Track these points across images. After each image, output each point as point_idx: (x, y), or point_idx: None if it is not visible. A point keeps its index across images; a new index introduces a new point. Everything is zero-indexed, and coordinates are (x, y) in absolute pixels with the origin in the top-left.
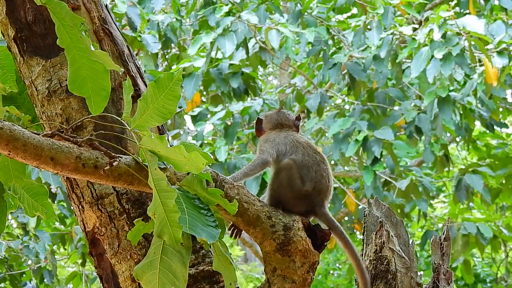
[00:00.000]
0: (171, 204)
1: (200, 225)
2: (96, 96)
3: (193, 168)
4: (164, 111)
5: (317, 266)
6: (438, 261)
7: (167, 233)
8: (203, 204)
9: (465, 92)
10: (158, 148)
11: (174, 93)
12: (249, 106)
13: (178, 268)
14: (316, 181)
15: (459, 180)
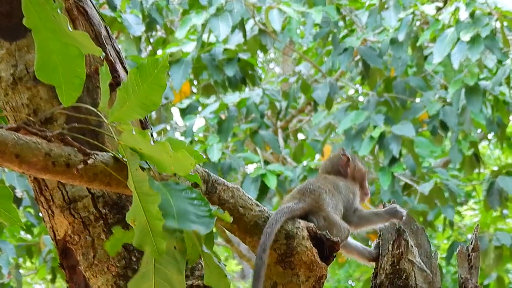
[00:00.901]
0: (154, 210)
1: (191, 218)
2: (68, 84)
3: (180, 168)
4: (148, 102)
5: (324, 280)
6: (465, 275)
7: (149, 244)
8: (195, 194)
9: (496, 81)
10: (140, 144)
11: (160, 82)
12: (247, 98)
13: (174, 276)
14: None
15: (491, 183)
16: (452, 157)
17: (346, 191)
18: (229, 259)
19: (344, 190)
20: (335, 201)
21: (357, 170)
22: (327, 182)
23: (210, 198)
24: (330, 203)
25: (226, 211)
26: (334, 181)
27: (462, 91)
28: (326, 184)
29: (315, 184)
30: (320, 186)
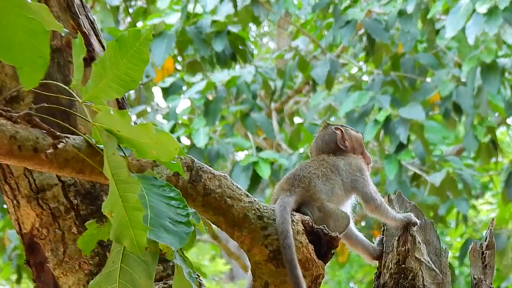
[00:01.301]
0: (133, 199)
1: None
2: (30, 65)
3: (163, 153)
4: (127, 79)
5: (321, 280)
6: (478, 275)
7: (128, 237)
8: (174, 193)
9: None
10: (118, 126)
11: (141, 56)
12: (237, 76)
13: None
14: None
15: (510, 173)
16: (466, 144)
17: (349, 171)
18: (216, 258)
19: (346, 171)
20: (329, 186)
21: (354, 139)
22: (322, 164)
23: (195, 188)
24: (323, 189)
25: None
26: (334, 163)
27: (478, 69)
28: (319, 168)
29: (305, 170)
30: (311, 171)
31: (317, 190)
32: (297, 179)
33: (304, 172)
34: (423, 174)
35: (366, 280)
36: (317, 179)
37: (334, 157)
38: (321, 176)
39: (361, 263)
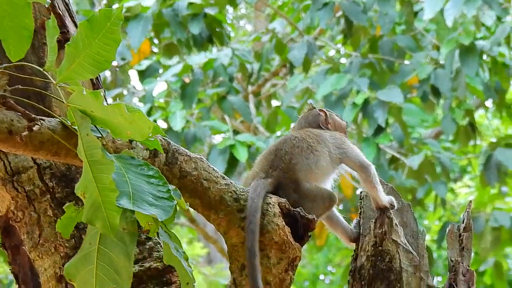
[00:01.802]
0: (107, 180)
1: (148, 199)
2: (16, 37)
3: (137, 132)
4: (100, 59)
5: (298, 263)
6: (455, 257)
7: (101, 219)
8: (153, 171)
9: (495, 40)
10: (92, 107)
11: (113, 36)
12: (214, 59)
13: (120, 262)
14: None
15: (488, 156)
16: (444, 127)
17: (335, 142)
18: (194, 242)
19: (332, 143)
20: (314, 158)
21: (338, 125)
22: (308, 136)
23: (171, 170)
24: (305, 165)
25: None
26: (319, 133)
27: (456, 52)
28: (305, 139)
29: (289, 143)
30: (294, 144)
31: (297, 169)
32: (278, 156)
33: (287, 146)
34: (401, 157)
35: (344, 263)
36: (300, 155)
37: (318, 129)
38: (306, 148)
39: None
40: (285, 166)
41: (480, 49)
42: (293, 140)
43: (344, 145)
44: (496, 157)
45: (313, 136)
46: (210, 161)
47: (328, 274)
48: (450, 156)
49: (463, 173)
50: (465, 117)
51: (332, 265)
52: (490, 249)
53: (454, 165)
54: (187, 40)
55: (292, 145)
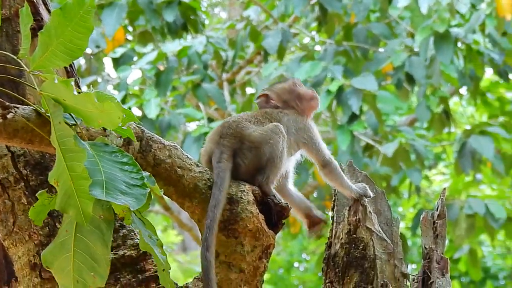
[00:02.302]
0: (79, 168)
1: (121, 187)
2: None
3: (108, 121)
4: (73, 47)
5: (272, 250)
6: (430, 245)
7: (74, 207)
8: (127, 158)
9: (469, 28)
10: (63, 95)
11: (86, 24)
12: (189, 46)
13: (97, 249)
14: None
15: (463, 144)
16: (419, 115)
17: (295, 129)
18: (168, 229)
19: (290, 128)
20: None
21: (286, 92)
22: (262, 116)
23: (144, 158)
24: (253, 128)
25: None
26: (276, 116)
27: (431, 39)
28: (254, 116)
29: (237, 116)
30: (243, 117)
31: (244, 129)
32: (225, 126)
33: (235, 118)
34: (376, 145)
35: (318, 251)
36: (247, 122)
37: (277, 111)
38: (254, 121)
39: None
40: (233, 131)
41: (455, 37)
42: (242, 115)
43: (305, 137)
44: (470, 145)
45: (268, 116)
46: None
47: (302, 261)
48: (424, 144)
49: (438, 160)
50: (439, 105)
51: (307, 252)
52: (465, 237)
53: (429, 153)
54: (161, 27)
55: (240, 117)
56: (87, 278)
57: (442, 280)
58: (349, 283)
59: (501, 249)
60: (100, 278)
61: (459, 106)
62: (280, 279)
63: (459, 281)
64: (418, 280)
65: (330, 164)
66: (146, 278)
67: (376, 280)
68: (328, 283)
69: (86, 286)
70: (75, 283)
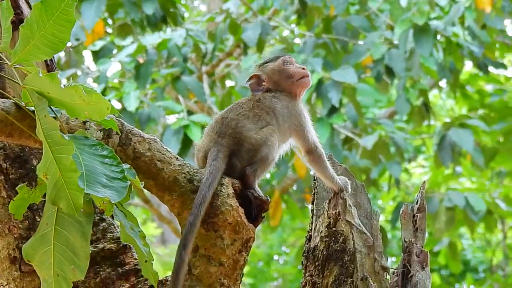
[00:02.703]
0: (67, 161)
1: (102, 180)
2: None
3: (95, 113)
4: (55, 40)
5: (252, 244)
6: (409, 238)
7: (64, 199)
8: (107, 151)
9: (449, 20)
10: (48, 88)
11: (67, 17)
12: (168, 39)
13: (77, 242)
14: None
15: (442, 136)
16: (398, 107)
17: (286, 116)
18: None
19: (283, 115)
20: (261, 123)
21: (276, 73)
22: (258, 106)
23: (124, 151)
24: (252, 128)
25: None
26: (270, 104)
27: (410, 32)
28: (252, 110)
29: (234, 111)
30: (241, 112)
31: (244, 130)
32: (224, 124)
33: (233, 114)
34: (355, 137)
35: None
36: (246, 119)
37: (270, 97)
38: (253, 116)
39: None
40: (232, 131)
41: (434, 29)
42: (239, 108)
43: (295, 123)
44: (450, 137)
45: (263, 107)
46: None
47: (282, 254)
48: (404, 136)
49: (417, 153)
50: (419, 97)
51: (286, 245)
52: (445, 230)
53: (408, 145)
54: (141, 20)
55: (238, 113)
56: (67, 271)
57: (422, 273)
58: (328, 277)
59: (481, 242)
60: (80, 271)
61: (438, 98)
62: (259, 272)
63: (439, 274)
64: (398, 274)
65: (315, 151)
66: (126, 272)
67: (356, 273)
68: (308, 276)
69: (66, 279)
70: (56, 277)
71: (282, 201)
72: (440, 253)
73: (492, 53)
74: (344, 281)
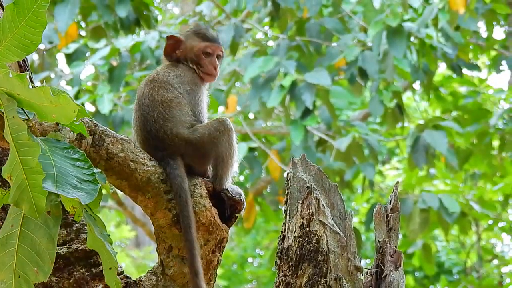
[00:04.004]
0: (33, 163)
1: (73, 182)
2: None
3: (62, 116)
4: (26, 42)
5: (225, 244)
6: (383, 238)
7: (27, 201)
8: (79, 154)
9: (422, 22)
10: (17, 89)
11: (39, 19)
12: (141, 42)
13: (43, 244)
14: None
15: (416, 138)
16: (372, 109)
17: (180, 83)
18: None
19: (177, 83)
20: (177, 111)
21: (194, 49)
22: (154, 91)
23: (97, 152)
24: (176, 122)
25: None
26: (164, 79)
27: (384, 33)
28: (156, 101)
29: (151, 113)
30: (154, 111)
31: (174, 127)
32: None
33: (151, 120)
34: (329, 139)
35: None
36: (167, 121)
37: (164, 70)
38: (163, 110)
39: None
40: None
41: (408, 31)
42: (149, 106)
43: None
44: (424, 139)
45: (160, 85)
46: None
47: (256, 256)
48: (378, 138)
49: (391, 155)
50: (392, 99)
51: (260, 247)
52: (419, 231)
53: (382, 147)
54: (114, 23)
55: (153, 114)
56: (30, 273)
57: (396, 273)
58: (302, 277)
59: (455, 244)
60: (43, 273)
61: (412, 100)
62: (234, 274)
63: (413, 276)
64: (372, 274)
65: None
66: (100, 272)
67: (330, 273)
68: (282, 276)
69: (28, 280)
70: (16, 278)
71: (255, 204)
72: (414, 255)
73: (466, 54)
74: (318, 281)
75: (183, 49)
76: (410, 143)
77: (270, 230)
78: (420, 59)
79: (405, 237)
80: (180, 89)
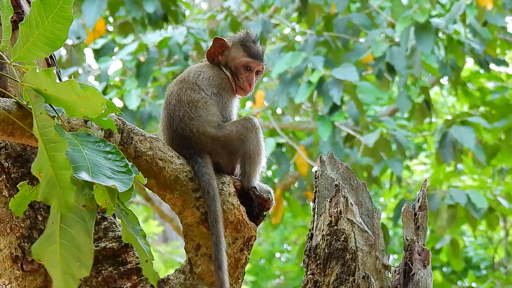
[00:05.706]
0: (61, 158)
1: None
2: None
3: (90, 109)
4: (53, 38)
5: (253, 242)
6: (411, 236)
7: (56, 197)
8: (110, 147)
9: (450, 18)
10: (44, 85)
11: (65, 15)
12: (169, 37)
13: (81, 239)
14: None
15: (444, 134)
16: (400, 105)
17: (208, 85)
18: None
19: (206, 85)
20: (204, 110)
21: (235, 58)
22: (182, 92)
23: (126, 150)
24: (203, 121)
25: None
26: (194, 80)
27: (412, 29)
28: (182, 101)
29: (177, 113)
30: (181, 112)
31: (201, 125)
32: (179, 135)
33: (177, 119)
34: (357, 135)
35: (299, 241)
36: (194, 120)
37: (195, 71)
38: (190, 110)
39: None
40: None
41: (435, 27)
42: (175, 106)
43: (215, 92)
44: (451, 135)
45: (188, 87)
46: None
47: (284, 252)
48: (405, 134)
49: (419, 150)
50: (420, 95)
51: (288, 243)
52: (446, 227)
53: (410, 143)
54: (142, 18)
55: (179, 114)
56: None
57: (424, 271)
58: (330, 275)
59: (483, 240)
60: (85, 267)
61: (440, 96)
62: (261, 269)
63: (441, 272)
64: (400, 272)
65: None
66: (128, 270)
67: (358, 272)
68: (310, 275)
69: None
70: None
71: (283, 199)
72: (442, 251)
73: (493, 50)
74: (346, 279)
75: (226, 55)
76: (438, 139)
77: (297, 225)
78: (448, 54)
79: (432, 232)
80: (208, 91)
